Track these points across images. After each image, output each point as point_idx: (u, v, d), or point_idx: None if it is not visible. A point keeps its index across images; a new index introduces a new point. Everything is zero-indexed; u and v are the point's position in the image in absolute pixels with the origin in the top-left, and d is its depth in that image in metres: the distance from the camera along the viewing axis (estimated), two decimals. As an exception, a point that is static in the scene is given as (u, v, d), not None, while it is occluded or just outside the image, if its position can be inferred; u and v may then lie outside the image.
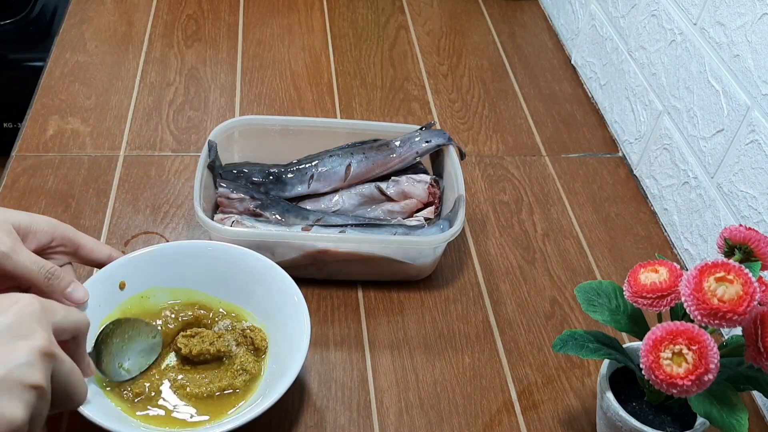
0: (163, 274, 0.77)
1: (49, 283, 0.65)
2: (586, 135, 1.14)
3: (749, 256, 0.64)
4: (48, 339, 0.50)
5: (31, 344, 0.49)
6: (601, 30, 1.17)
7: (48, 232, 0.67)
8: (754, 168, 0.82)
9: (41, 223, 0.67)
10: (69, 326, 0.55)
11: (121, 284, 0.75)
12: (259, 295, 0.77)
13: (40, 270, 0.64)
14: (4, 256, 0.61)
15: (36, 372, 0.49)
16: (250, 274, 0.77)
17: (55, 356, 0.51)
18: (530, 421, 0.77)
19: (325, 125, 0.97)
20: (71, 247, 0.70)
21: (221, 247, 0.78)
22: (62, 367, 0.52)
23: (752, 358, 0.60)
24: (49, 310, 0.53)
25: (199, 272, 0.78)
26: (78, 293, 0.68)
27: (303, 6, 1.34)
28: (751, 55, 0.82)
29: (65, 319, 0.54)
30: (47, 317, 0.52)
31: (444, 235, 0.82)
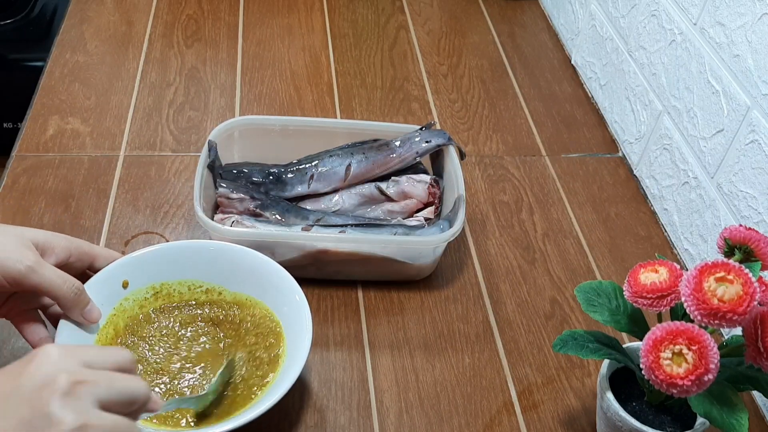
0: (166, 272, 0.77)
1: (76, 299, 0.65)
2: (586, 135, 1.14)
3: (749, 256, 0.64)
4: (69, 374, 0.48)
5: (53, 388, 0.47)
6: (601, 30, 1.17)
7: (66, 248, 0.67)
8: (754, 168, 0.82)
9: (59, 239, 0.67)
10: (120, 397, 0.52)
11: (124, 283, 0.75)
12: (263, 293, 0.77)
13: (65, 284, 0.64)
14: (29, 269, 0.61)
15: (67, 415, 0.47)
16: (252, 272, 0.77)
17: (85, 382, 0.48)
18: (530, 421, 0.77)
19: (325, 125, 0.97)
20: (87, 260, 0.70)
21: (222, 246, 0.78)
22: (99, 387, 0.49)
23: (752, 358, 0.60)
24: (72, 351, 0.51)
25: (202, 270, 0.78)
26: (94, 313, 0.68)
27: (303, 6, 1.34)
28: (751, 55, 0.82)
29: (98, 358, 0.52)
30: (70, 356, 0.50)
31: (444, 235, 0.82)
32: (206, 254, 0.78)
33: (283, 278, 0.76)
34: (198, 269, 0.78)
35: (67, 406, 0.47)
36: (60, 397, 0.47)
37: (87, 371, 0.50)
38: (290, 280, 0.76)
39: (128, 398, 0.51)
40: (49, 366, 0.48)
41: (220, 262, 0.78)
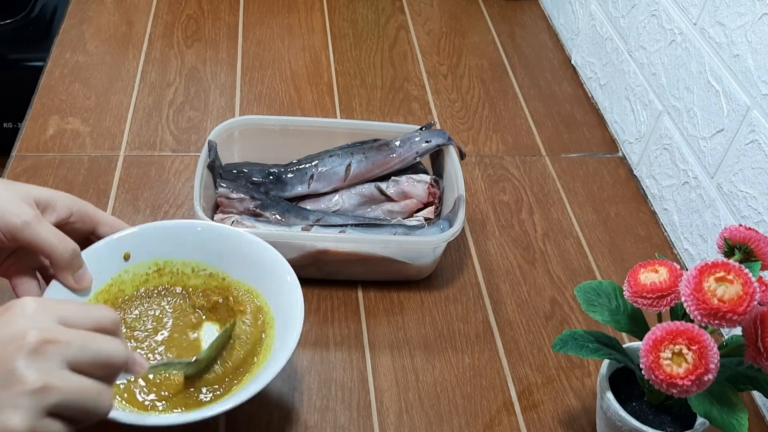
0: (171, 250, 0.76)
1: (69, 260, 0.64)
2: (586, 135, 1.14)
3: (749, 256, 0.64)
4: (39, 331, 0.47)
5: (20, 344, 0.46)
6: (601, 30, 1.17)
7: (67, 206, 0.66)
8: (754, 168, 0.82)
9: (61, 197, 0.66)
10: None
11: (126, 255, 0.73)
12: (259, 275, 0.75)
13: (60, 243, 0.62)
14: (24, 224, 0.60)
15: (29, 372, 0.46)
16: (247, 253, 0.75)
17: (55, 341, 0.47)
18: (530, 421, 0.77)
19: (325, 125, 0.97)
20: (90, 224, 0.69)
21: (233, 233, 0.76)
22: (71, 348, 0.48)
23: (752, 358, 0.60)
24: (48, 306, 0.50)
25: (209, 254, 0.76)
26: (86, 278, 0.67)
27: (303, 6, 1.34)
28: (751, 55, 0.82)
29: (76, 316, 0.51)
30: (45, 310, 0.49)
31: (444, 235, 0.82)
32: (215, 238, 0.76)
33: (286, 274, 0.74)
34: (204, 252, 0.76)
35: (32, 365, 0.46)
36: (26, 355, 0.46)
37: (60, 329, 0.48)
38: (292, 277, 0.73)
39: (102, 361, 0.50)
40: (21, 320, 0.47)
41: (228, 248, 0.76)
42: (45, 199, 0.64)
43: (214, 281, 0.77)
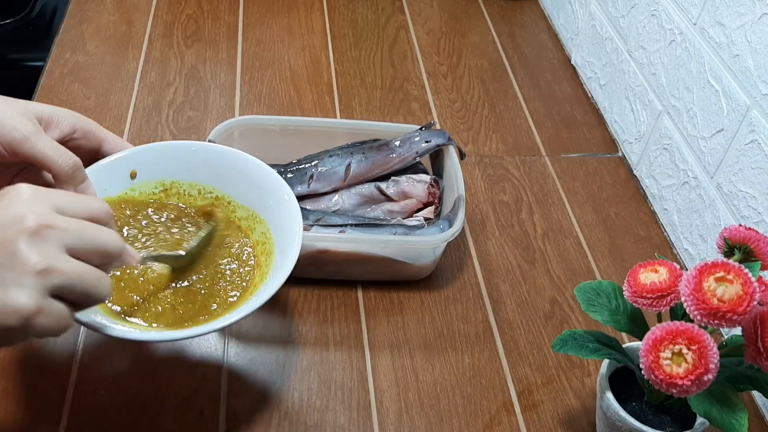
0: (178, 170, 0.75)
1: (71, 174, 0.63)
2: (585, 135, 1.14)
3: (749, 256, 0.64)
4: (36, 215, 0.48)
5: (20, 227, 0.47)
6: (600, 30, 1.17)
7: (71, 123, 0.66)
8: (753, 168, 0.82)
9: (64, 113, 0.66)
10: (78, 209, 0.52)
11: (132, 173, 0.73)
12: (261, 198, 0.75)
13: (60, 157, 0.62)
14: (24, 138, 0.60)
15: (31, 253, 0.47)
16: (249, 175, 0.75)
17: (52, 227, 0.48)
18: (530, 421, 0.77)
19: (325, 125, 0.97)
20: (94, 141, 0.69)
21: (241, 156, 0.76)
22: (69, 234, 0.49)
23: (752, 358, 0.60)
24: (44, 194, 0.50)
25: (216, 177, 0.76)
26: (90, 193, 0.66)
27: (303, 6, 1.34)
28: (751, 55, 0.82)
29: (71, 205, 0.51)
30: (42, 198, 0.50)
31: (444, 235, 0.82)
32: (222, 161, 0.76)
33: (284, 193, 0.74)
34: (211, 175, 0.76)
35: (34, 247, 0.47)
36: (27, 237, 0.47)
37: (57, 216, 0.49)
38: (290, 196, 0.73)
39: (99, 249, 0.51)
40: (19, 205, 0.48)
41: (235, 172, 0.76)
42: (47, 115, 0.64)
43: (220, 203, 0.77)
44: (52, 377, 0.75)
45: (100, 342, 0.79)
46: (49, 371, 0.76)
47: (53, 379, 0.75)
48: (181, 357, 0.78)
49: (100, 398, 0.74)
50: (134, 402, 0.74)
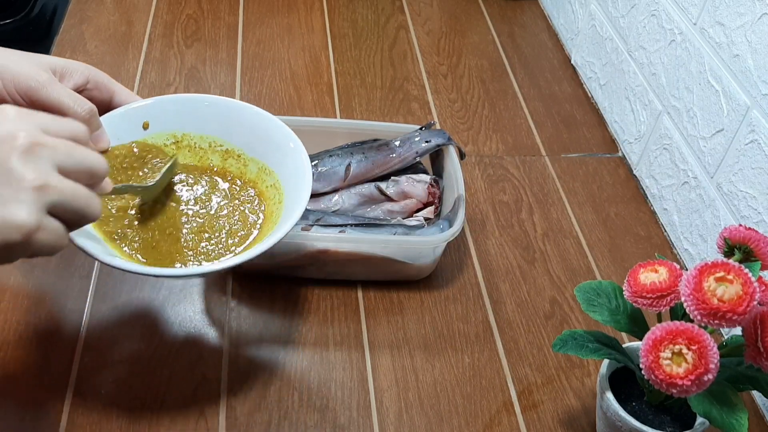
0: (189, 123, 0.77)
1: (87, 119, 0.64)
2: (585, 135, 1.14)
3: (749, 256, 0.64)
4: (27, 133, 0.48)
5: (14, 144, 0.47)
6: (600, 30, 1.17)
7: (84, 74, 0.67)
8: (753, 168, 0.82)
9: (77, 64, 0.67)
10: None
11: (145, 124, 0.74)
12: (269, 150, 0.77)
13: (75, 103, 0.63)
14: (40, 85, 0.62)
15: (27, 170, 0.47)
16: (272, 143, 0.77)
17: (44, 145, 0.49)
18: (530, 421, 0.77)
19: (325, 125, 0.97)
20: (106, 92, 0.70)
21: (252, 110, 0.78)
22: (59, 152, 0.50)
23: (752, 358, 0.60)
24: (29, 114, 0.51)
25: (226, 130, 0.78)
26: (104, 139, 0.69)
27: (303, 6, 1.34)
28: (751, 55, 0.82)
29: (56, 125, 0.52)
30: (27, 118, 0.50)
31: (444, 235, 0.82)
32: (233, 114, 0.77)
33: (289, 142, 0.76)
34: (222, 128, 0.78)
35: (29, 164, 0.47)
36: (21, 154, 0.47)
37: (46, 135, 0.50)
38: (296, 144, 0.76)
39: (88, 169, 0.52)
40: (6, 123, 0.48)
41: (245, 125, 0.77)
42: (61, 67, 0.66)
43: (230, 156, 0.78)
44: (52, 377, 0.75)
45: (100, 342, 0.79)
46: (49, 371, 0.76)
47: (53, 378, 0.75)
48: (181, 357, 0.78)
49: (100, 398, 0.74)
50: (134, 402, 0.74)
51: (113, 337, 0.79)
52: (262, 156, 0.78)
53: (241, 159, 0.78)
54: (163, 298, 0.84)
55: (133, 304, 0.83)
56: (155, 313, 0.82)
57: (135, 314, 0.82)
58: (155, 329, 0.80)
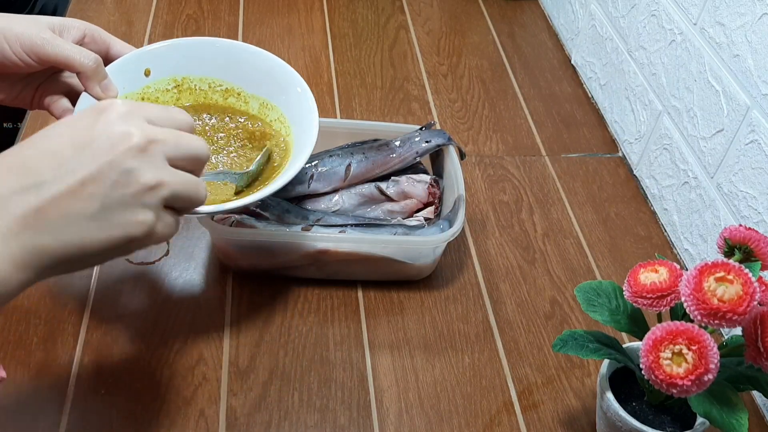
0: (187, 66, 0.79)
1: (94, 69, 0.67)
2: (586, 135, 1.14)
3: (749, 256, 0.64)
4: (141, 131, 0.50)
5: (129, 145, 0.49)
6: (601, 30, 1.17)
7: (80, 29, 0.70)
8: (754, 168, 0.82)
9: (73, 20, 0.70)
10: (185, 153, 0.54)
11: (146, 71, 0.76)
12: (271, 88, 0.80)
13: (81, 54, 0.66)
14: (45, 41, 0.64)
15: (144, 171, 0.50)
16: (269, 76, 0.80)
17: (156, 141, 0.51)
18: (530, 421, 0.77)
19: (325, 125, 0.96)
20: (103, 45, 0.72)
21: (244, 47, 0.81)
22: (168, 145, 0.52)
23: (752, 358, 0.60)
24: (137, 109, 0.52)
25: (223, 69, 0.80)
26: (112, 88, 0.70)
27: (303, 6, 1.34)
28: (751, 55, 0.82)
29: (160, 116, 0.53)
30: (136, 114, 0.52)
31: (444, 235, 0.82)
32: (228, 54, 0.80)
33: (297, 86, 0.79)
34: (219, 68, 0.80)
35: (144, 163, 0.50)
36: (137, 154, 0.49)
37: (156, 129, 0.51)
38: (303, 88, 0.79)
39: (194, 156, 0.53)
40: (119, 121, 0.50)
41: (243, 64, 0.80)
42: (59, 24, 0.68)
43: (230, 95, 0.81)
44: (52, 377, 0.75)
45: (100, 342, 0.79)
46: (49, 371, 0.76)
47: (53, 378, 0.75)
48: (181, 357, 0.78)
49: (100, 398, 0.74)
50: (134, 402, 0.74)
51: (113, 336, 0.79)
52: (262, 92, 0.80)
53: (242, 96, 0.81)
54: (164, 298, 0.84)
55: (133, 303, 0.83)
56: (155, 313, 0.82)
57: (135, 314, 0.82)
58: (155, 329, 0.80)
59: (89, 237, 0.48)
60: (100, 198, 0.48)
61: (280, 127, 0.79)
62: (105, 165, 0.48)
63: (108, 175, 0.48)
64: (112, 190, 0.48)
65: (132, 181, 0.49)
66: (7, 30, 0.63)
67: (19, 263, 0.47)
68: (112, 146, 0.49)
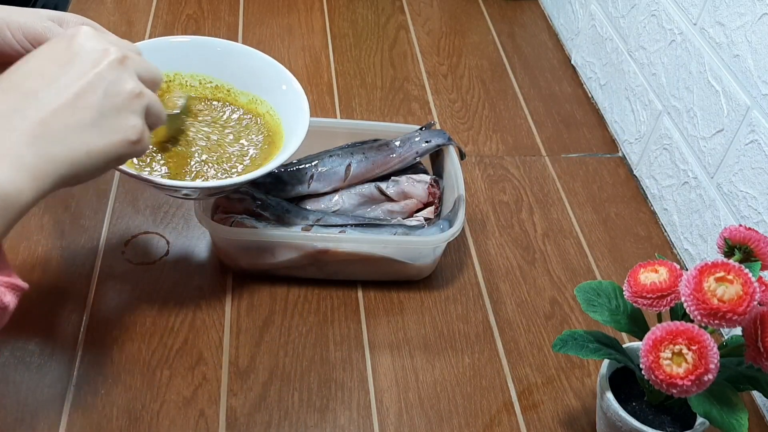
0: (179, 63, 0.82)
1: None
2: (586, 135, 1.14)
3: (749, 256, 0.64)
4: (115, 47, 0.54)
5: (110, 59, 0.53)
6: (601, 30, 1.17)
7: (77, 22, 0.71)
8: (754, 168, 0.82)
9: (71, 15, 0.72)
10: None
11: None
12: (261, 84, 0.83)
13: None
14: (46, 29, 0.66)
15: (126, 80, 0.54)
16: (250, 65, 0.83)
17: (129, 57, 0.55)
18: (530, 421, 0.77)
19: (325, 125, 0.97)
20: None
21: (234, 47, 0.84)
22: (137, 63, 0.56)
23: (752, 358, 0.60)
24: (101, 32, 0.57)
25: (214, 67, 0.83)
26: None
27: (303, 6, 1.34)
28: (751, 55, 0.82)
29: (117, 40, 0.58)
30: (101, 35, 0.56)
31: (444, 235, 0.82)
32: (219, 52, 0.83)
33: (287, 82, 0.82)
34: (210, 66, 0.83)
35: (125, 74, 0.54)
36: (116, 65, 0.54)
37: (125, 48, 0.56)
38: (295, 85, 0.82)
39: (154, 77, 0.58)
40: (93, 40, 0.54)
41: (231, 61, 0.83)
42: (57, 17, 0.70)
43: (220, 92, 0.84)
44: (52, 377, 0.75)
45: (100, 342, 0.79)
46: (49, 371, 0.76)
47: (53, 378, 0.75)
48: (181, 357, 0.78)
49: (100, 398, 0.74)
50: (134, 402, 0.74)
51: (113, 336, 0.79)
52: (251, 89, 0.84)
53: (231, 93, 0.84)
54: (164, 298, 0.84)
55: (133, 303, 0.83)
56: (155, 313, 0.82)
57: (135, 314, 0.82)
58: (155, 329, 0.80)
59: (93, 143, 0.52)
60: (96, 107, 0.52)
61: (270, 119, 0.82)
62: (93, 77, 0.52)
63: (98, 86, 0.52)
64: (104, 99, 0.52)
65: (120, 90, 0.53)
66: (10, 19, 0.65)
67: (33, 173, 0.49)
68: (95, 61, 0.53)
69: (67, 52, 0.53)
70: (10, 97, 0.50)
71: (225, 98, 0.84)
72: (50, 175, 0.50)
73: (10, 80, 0.52)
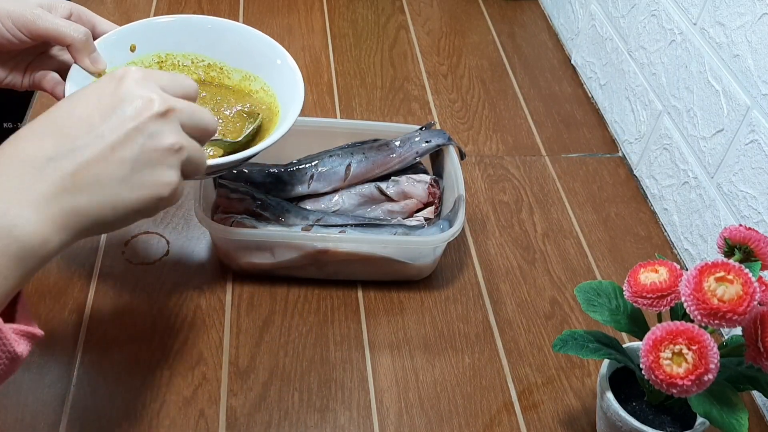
0: (172, 43, 0.81)
1: (85, 41, 0.70)
2: (586, 135, 1.14)
3: (749, 256, 0.64)
4: (160, 98, 0.53)
5: (152, 112, 0.52)
6: (601, 30, 1.17)
7: (67, 7, 0.72)
8: (754, 168, 0.82)
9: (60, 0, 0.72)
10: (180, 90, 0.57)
11: (132, 47, 0.78)
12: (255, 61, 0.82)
13: (70, 26, 0.69)
14: (36, 16, 0.67)
15: (166, 134, 0.52)
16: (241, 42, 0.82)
17: (174, 109, 0.54)
18: (530, 421, 0.77)
19: (325, 125, 0.97)
20: (88, 23, 0.74)
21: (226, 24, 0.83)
22: (183, 114, 0.55)
23: (752, 358, 0.60)
24: (151, 75, 0.55)
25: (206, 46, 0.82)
26: (101, 61, 0.73)
27: (303, 6, 1.34)
28: (751, 55, 0.82)
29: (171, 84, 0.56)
30: (151, 80, 0.55)
31: (444, 235, 0.82)
32: (210, 31, 0.82)
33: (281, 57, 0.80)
34: (202, 45, 0.82)
35: (165, 127, 0.53)
36: (158, 118, 0.52)
37: (172, 97, 0.55)
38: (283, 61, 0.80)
39: (204, 127, 0.57)
40: (138, 87, 0.53)
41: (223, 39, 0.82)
42: (46, 2, 0.70)
43: (212, 71, 0.83)
44: (51, 377, 0.75)
45: (100, 342, 0.79)
46: (49, 371, 0.76)
47: (53, 378, 0.75)
48: (181, 357, 0.78)
49: (100, 398, 0.74)
50: (134, 402, 0.74)
51: (113, 336, 0.79)
52: (245, 65, 0.82)
53: (224, 71, 0.83)
54: (164, 298, 0.84)
55: (133, 304, 0.83)
56: (155, 312, 0.82)
57: (135, 314, 0.82)
58: (155, 329, 0.80)
59: (121, 198, 0.51)
60: (130, 161, 0.51)
61: (264, 95, 0.81)
62: (132, 130, 0.51)
63: (135, 140, 0.51)
64: (140, 154, 0.51)
65: (158, 145, 0.52)
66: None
67: (59, 224, 0.49)
68: (137, 111, 0.52)
69: (113, 98, 0.52)
70: (47, 142, 0.50)
71: (218, 76, 0.83)
72: (75, 227, 0.50)
73: (55, 122, 0.51)
